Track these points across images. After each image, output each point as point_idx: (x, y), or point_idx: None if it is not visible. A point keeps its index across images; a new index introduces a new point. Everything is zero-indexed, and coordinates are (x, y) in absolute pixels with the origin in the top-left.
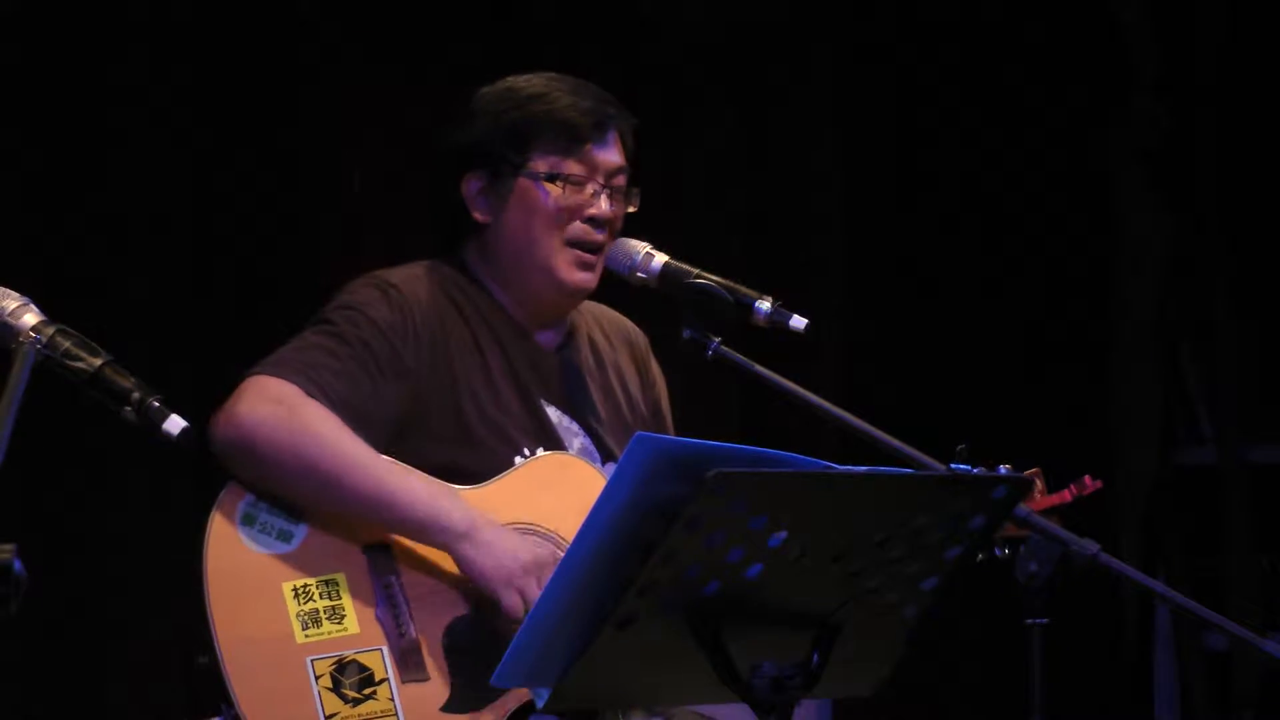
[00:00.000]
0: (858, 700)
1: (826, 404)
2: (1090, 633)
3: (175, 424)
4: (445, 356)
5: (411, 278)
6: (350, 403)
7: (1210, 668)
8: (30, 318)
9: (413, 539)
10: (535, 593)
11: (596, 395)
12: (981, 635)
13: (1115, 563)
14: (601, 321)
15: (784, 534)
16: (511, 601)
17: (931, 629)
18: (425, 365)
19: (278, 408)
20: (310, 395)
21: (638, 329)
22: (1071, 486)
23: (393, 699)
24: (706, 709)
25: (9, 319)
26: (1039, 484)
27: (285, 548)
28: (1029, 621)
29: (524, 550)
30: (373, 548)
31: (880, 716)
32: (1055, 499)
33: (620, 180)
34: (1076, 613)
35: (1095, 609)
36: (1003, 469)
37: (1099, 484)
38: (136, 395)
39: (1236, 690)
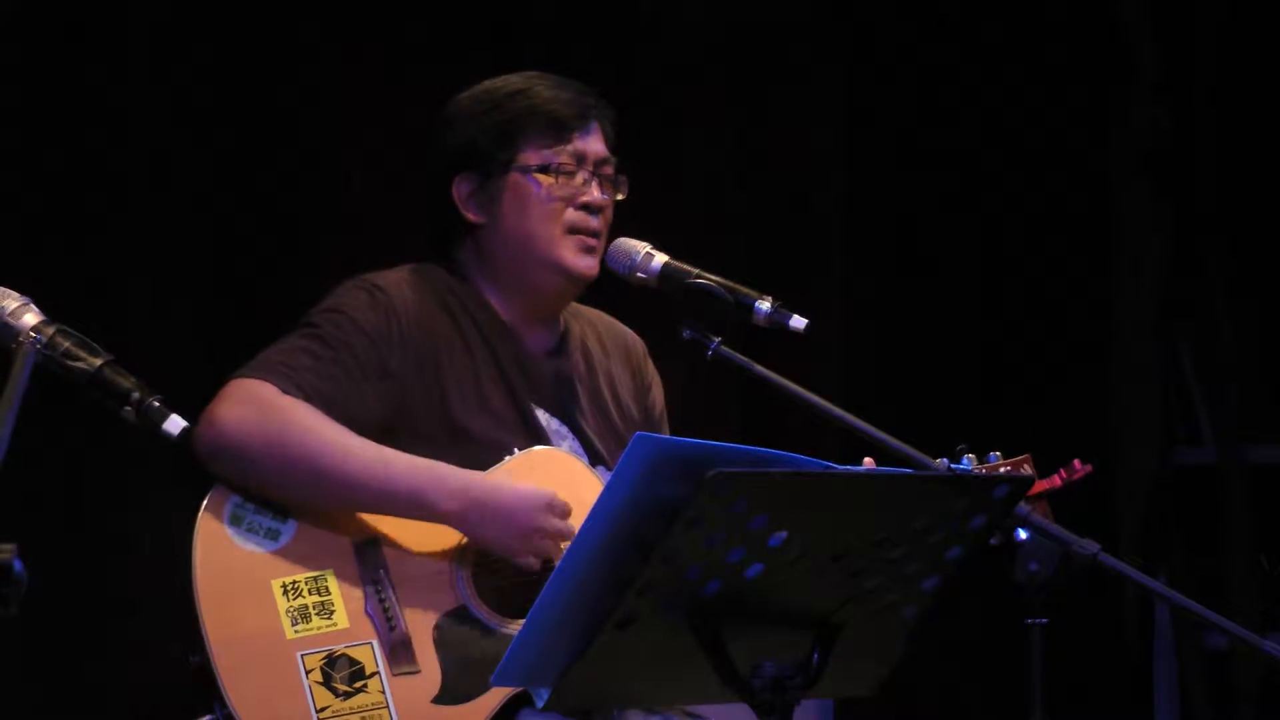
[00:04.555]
0: (858, 700)
1: (826, 404)
2: (1090, 633)
3: (175, 424)
4: (433, 359)
5: (400, 280)
6: (329, 401)
7: (1210, 668)
8: (30, 318)
9: (400, 515)
10: (547, 546)
11: (585, 399)
12: (981, 635)
13: (1115, 563)
14: (597, 326)
15: (784, 534)
16: (529, 564)
17: (931, 629)
18: (411, 368)
19: (256, 407)
20: (288, 394)
21: (635, 335)
22: (1061, 471)
23: (384, 692)
24: (706, 709)
25: (9, 319)
26: (1029, 470)
27: (273, 545)
28: (1029, 621)
29: (519, 513)
30: (361, 544)
31: (880, 716)
32: (1045, 484)
33: (608, 169)
34: (1076, 613)
35: (1095, 609)
36: (993, 456)
37: (1089, 468)
38: (136, 395)
39: (1236, 690)
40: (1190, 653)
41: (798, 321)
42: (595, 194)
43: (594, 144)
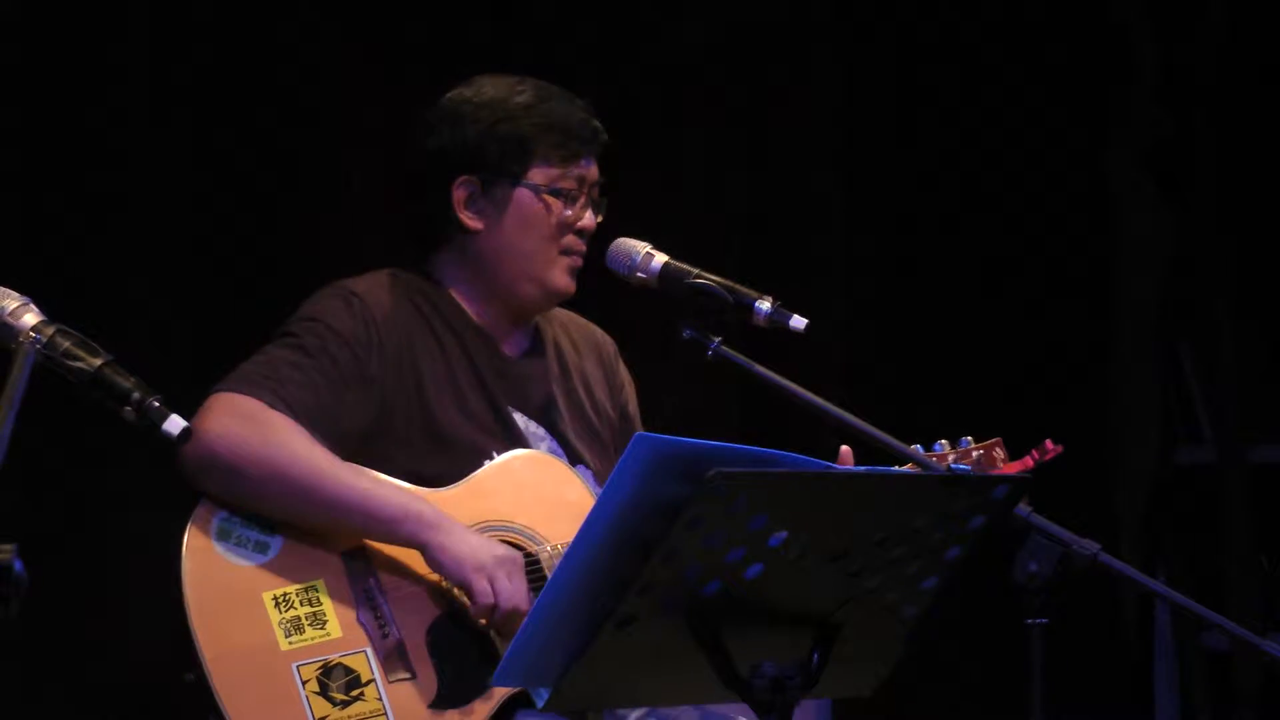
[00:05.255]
0: (858, 700)
1: (826, 404)
2: (1090, 633)
3: (175, 424)
4: (411, 364)
5: (375, 286)
6: (314, 412)
7: (1210, 668)
8: (30, 318)
9: (383, 539)
10: (504, 584)
11: (561, 400)
12: (981, 635)
13: (1115, 563)
14: (569, 328)
15: (784, 534)
16: (481, 587)
17: (931, 629)
18: (390, 373)
19: (242, 422)
20: (273, 407)
21: (606, 335)
22: (1033, 452)
23: (381, 699)
24: (706, 709)
25: (9, 319)
26: (1001, 453)
27: (262, 558)
28: (1029, 621)
29: (496, 546)
30: (349, 553)
31: (880, 716)
32: (1018, 465)
33: (596, 192)
34: (1076, 613)
35: (1095, 609)
36: (965, 441)
37: (1059, 449)
38: (136, 395)
39: (1236, 690)
40: (1190, 653)
41: (798, 321)
42: (588, 219)
43: (593, 168)
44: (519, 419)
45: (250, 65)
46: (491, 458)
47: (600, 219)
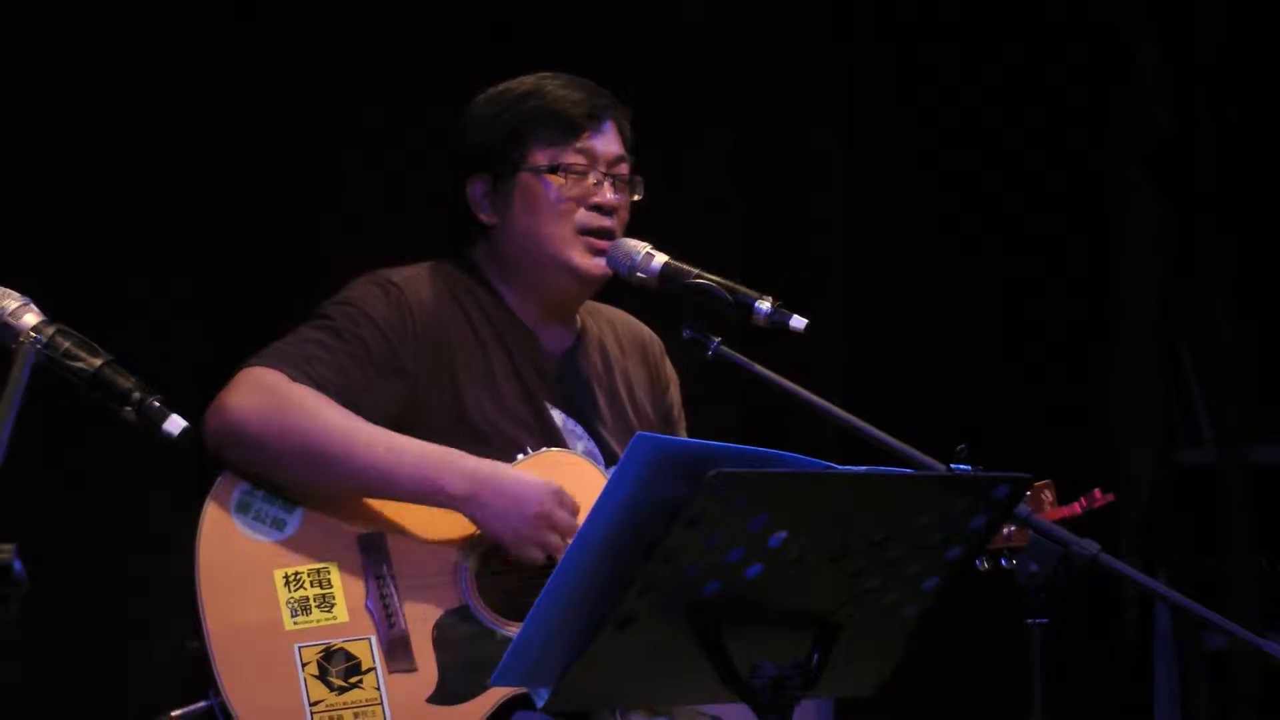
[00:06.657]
0: (858, 700)
1: (826, 404)
2: (1090, 633)
3: (175, 424)
4: (447, 356)
5: (415, 277)
6: (338, 391)
7: (1210, 668)
8: (30, 318)
9: (411, 500)
10: (552, 540)
11: (602, 399)
12: (981, 635)
13: (1115, 563)
14: (615, 325)
15: (784, 534)
16: (533, 556)
17: (931, 629)
18: (424, 364)
19: (262, 394)
20: (295, 381)
21: (653, 333)
22: (1081, 499)
23: (379, 688)
24: (707, 709)
25: (9, 319)
26: (1050, 495)
27: (279, 535)
28: (1029, 621)
29: (528, 501)
30: (366, 537)
31: (880, 716)
32: (1065, 511)
33: (622, 169)
34: (1076, 613)
35: (1095, 609)
36: None
37: (1110, 497)
38: (136, 395)
39: (1236, 690)
40: (1190, 653)
41: (798, 321)
42: (607, 195)
43: (606, 144)
44: (557, 416)
45: (250, 65)
46: (526, 453)
47: (637, 197)
